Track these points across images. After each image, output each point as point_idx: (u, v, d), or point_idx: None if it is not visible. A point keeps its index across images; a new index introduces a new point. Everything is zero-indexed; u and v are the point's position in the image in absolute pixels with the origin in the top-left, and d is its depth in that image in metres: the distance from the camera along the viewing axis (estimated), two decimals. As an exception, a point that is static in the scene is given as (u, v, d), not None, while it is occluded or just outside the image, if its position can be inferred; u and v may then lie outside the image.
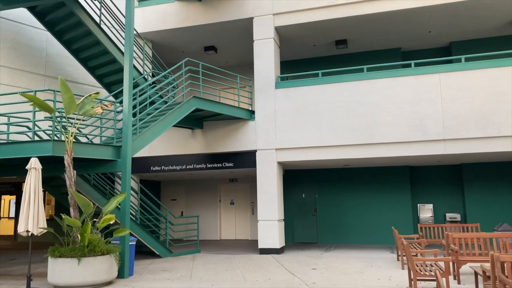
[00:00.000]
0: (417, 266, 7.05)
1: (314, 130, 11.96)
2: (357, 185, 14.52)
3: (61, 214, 8.26)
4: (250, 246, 14.03)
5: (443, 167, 14.20)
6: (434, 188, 14.18)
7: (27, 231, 7.59)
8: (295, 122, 12.16)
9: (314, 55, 15.65)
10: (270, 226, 11.98)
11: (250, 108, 13.39)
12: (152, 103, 12.60)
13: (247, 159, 12.78)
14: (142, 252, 12.56)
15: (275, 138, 12.30)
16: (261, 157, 12.38)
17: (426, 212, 13.83)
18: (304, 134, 12.04)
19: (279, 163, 12.49)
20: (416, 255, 9.51)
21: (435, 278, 7.11)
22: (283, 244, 12.46)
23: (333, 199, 14.70)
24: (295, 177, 15.24)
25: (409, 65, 14.28)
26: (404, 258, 10.30)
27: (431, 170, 14.28)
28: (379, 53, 15.10)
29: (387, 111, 11.45)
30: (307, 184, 15.08)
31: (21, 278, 8.96)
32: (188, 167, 13.40)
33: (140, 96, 12.38)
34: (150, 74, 12.96)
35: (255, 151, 12.55)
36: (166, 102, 12.48)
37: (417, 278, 6.67)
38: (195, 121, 12.95)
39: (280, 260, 10.79)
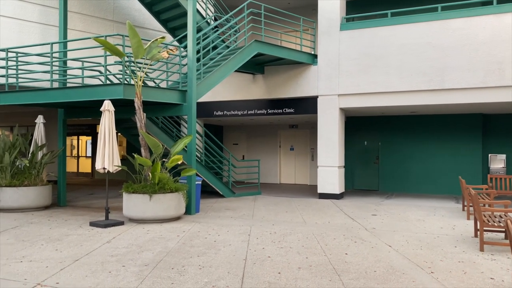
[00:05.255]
0: (485, 216, 6.81)
1: (381, 75, 11.47)
2: (423, 133, 13.96)
3: (133, 154, 8.83)
4: (309, 190, 14.25)
5: (521, 115, 13.18)
6: (509, 137, 13.27)
7: (104, 168, 8.24)
8: (360, 67, 11.71)
9: (383, -6, 14.65)
10: (330, 172, 12.02)
11: (312, 52, 13.02)
12: (214, 47, 12.66)
13: (308, 105, 12.66)
14: (207, 192, 13.24)
15: (338, 84, 11.99)
16: (323, 103, 12.19)
17: (497, 162, 13.09)
18: (369, 79, 11.60)
19: (341, 109, 12.24)
20: (484, 206, 9.15)
21: (503, 230, 6.86)
22: (343, 190, 12.51)
23: (397, 147, 14.31)
24: (358, 124, 14.93)
25: (490, 3, 12.95)
26: (471, 208, 9.98)
27: (507, 119, 13.31)
28: (456, -10, 13.79)
29: (461, 54, 10.64)
30: (369, 131, 14.75)
31: (99, 210, 9.88)
32: (249, 112, 13.56)
33: (203, 40, 12.45)
34: (213, 18, 12.91)
35: (317, 97, 12.36)
36: (228, 47, 12.47)
37: (484, 228, 6.47)
38: (256, 66, 12.90)
39: (339, 205, 10.90)
